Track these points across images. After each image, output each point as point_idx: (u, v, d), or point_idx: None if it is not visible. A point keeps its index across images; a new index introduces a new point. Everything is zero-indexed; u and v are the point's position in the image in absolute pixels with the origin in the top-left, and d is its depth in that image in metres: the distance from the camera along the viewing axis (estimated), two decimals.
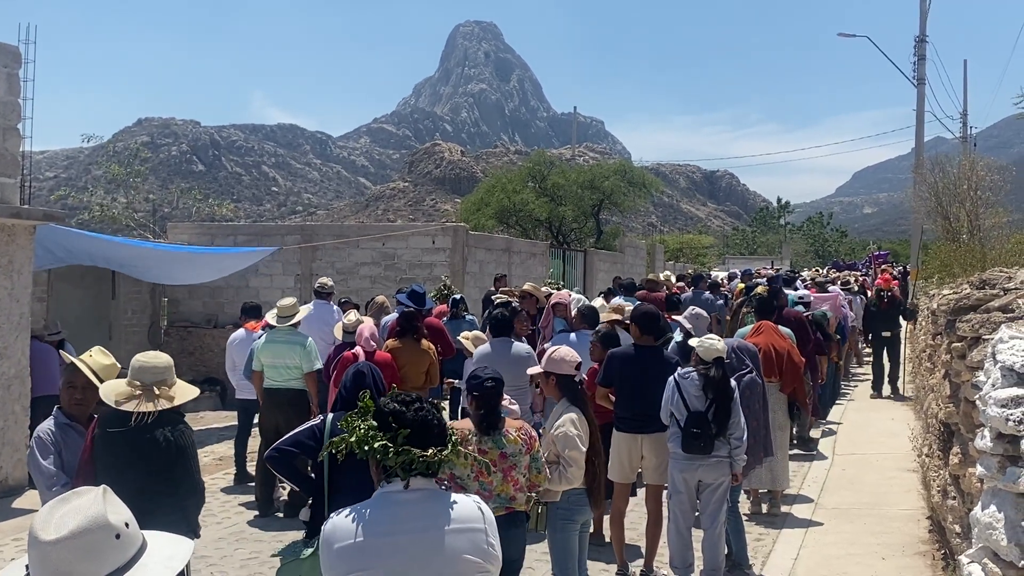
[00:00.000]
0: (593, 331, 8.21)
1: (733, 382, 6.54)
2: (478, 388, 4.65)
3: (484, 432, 4.62)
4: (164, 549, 2.10)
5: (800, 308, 11.89)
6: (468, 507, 2.91)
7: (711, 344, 6.50)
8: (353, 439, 3.00)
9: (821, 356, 11.75)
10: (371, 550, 2.76)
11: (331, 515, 2.94)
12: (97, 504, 1.99)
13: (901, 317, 15.53)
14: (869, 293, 17.48)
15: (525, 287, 11.43)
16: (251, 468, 9.57)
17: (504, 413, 4.70)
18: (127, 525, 2.02)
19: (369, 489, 4.43)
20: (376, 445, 2.92)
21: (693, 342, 6.75)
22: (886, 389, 15.11)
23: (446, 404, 10.84)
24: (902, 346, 15.86)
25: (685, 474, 6.38)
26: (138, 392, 4.38)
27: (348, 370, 4.83)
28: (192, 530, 4.51)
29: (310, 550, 4.36)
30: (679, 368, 6.63)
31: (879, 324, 15.50)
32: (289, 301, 9.13)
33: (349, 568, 2.77)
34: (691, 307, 9.58)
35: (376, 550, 2.76)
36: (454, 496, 2.96)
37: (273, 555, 4.64)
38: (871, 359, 16.29)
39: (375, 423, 3.00)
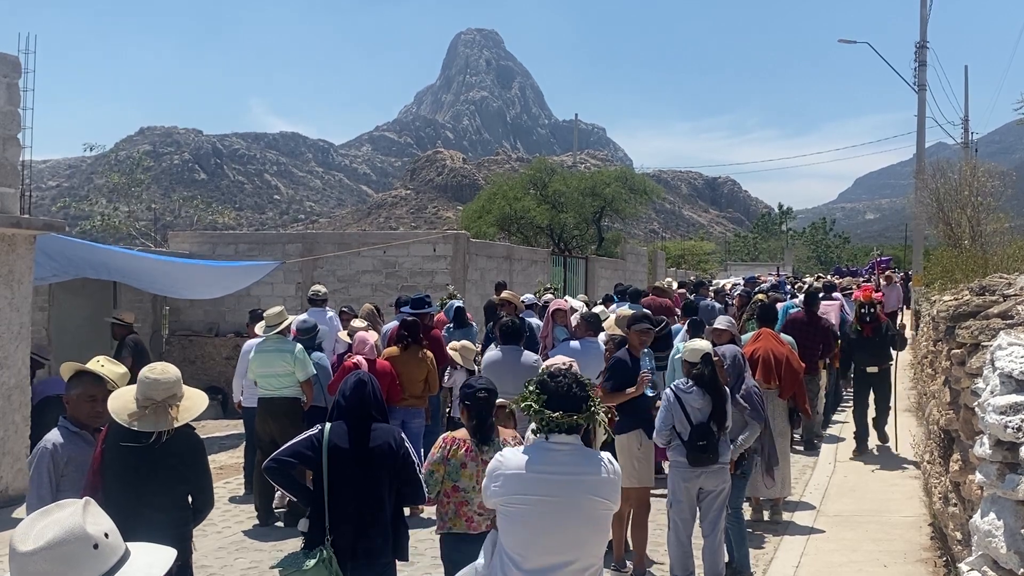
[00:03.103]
0: (609, 338, 8.21)
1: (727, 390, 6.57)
2: (470, 398, 4.65)
3: (482, 441, 4.62)
4: (144, 557, 2.12)
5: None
6: (603, 462, 3.70)
7: (695, 346, 6.59)
8: (519, 398, 3.81)
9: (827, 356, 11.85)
10: (529, 481, 3.60)
11: (504, 449, 3.88)
12: (76, 516, 2.02)
13: (891, 347, 11.44)
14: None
15: (503, 295, 11.48)
16: None
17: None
18: (107, 536, 2.04)
19: (366, 497, 4.45)
20: (523, 405, 3.74)
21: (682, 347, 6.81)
22: (873, 439, 11.47)
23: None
24: (893, 387, 11.49)
25: (687, 483, 6.37)
26: (151, 410, 4.33)
27: (347, 378, 4.80)
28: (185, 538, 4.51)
29: (313, 560, 4.34)
30: (676, 381, 6.67)
31: (862, 355, 11.27)
32: (276, 310, 9.11)
33: (511, 490, 3.60)
34: (721, 315, 9.62)
35: (532, 482, 3.59)
36: (596, 452, 3.78)
37: (272, 567, 4.62)
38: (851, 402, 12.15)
39: (533, 389, 3.76)
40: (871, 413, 11.39)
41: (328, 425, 4.62)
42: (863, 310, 11.28)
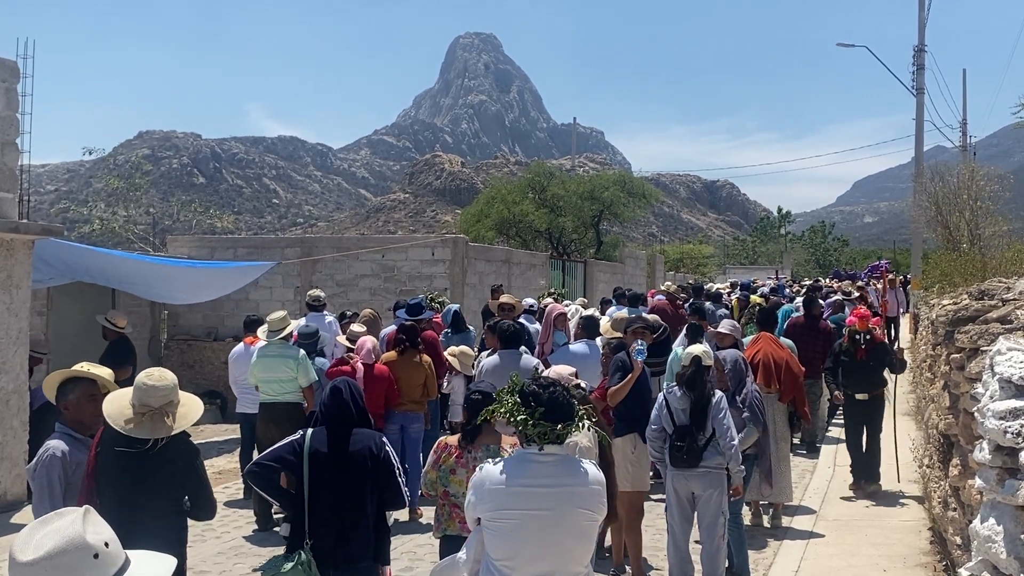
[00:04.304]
0: (606, 343, 8.22)
1: (720, 394, 6.57)
2: (467, 400, 4.68)
3: (468, 442, 4.64)
4: (144, 567, 2.12)
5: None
6: (587, 472, 3.69)
7: (690, 349, 6.68)
8: (503, 410, 3.75)
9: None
10: (513, 495, 3.58)
11: (483, 464, 3.79)
12: (75, 525, 2.02)
13: (887, 370, 9.94)
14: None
15: (503, 298, 11.45)
16: None
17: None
18: (107, 545, 2.04)
19: (346, 502, 4.46)
20: (519, 418, 3.66)
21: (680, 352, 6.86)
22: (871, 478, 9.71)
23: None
24: (887, 417, 10.00)
25: (676, 484, 6.39)
26: (147, 417, 4.31)
27: (328, 384, 4.84)
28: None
29: (290, 564, 4.40)
30: (665, 384, 6.73)
31: (852, 381, 9.81)
32: (279, 315, 9.09)
33: (496, 506, 3.59)
34: (724, 319, 9.62)
35: (517, 496, 3.58)
36: (582, 462, 3.76)
37: (255, 570, 4.65)
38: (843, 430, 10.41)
39: (519, 400, 3.70)
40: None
41: (310, 431, 4.66)
42: (857, 337, 9.79)
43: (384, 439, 4.74)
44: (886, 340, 11.37)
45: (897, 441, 9.86)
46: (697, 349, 6.64)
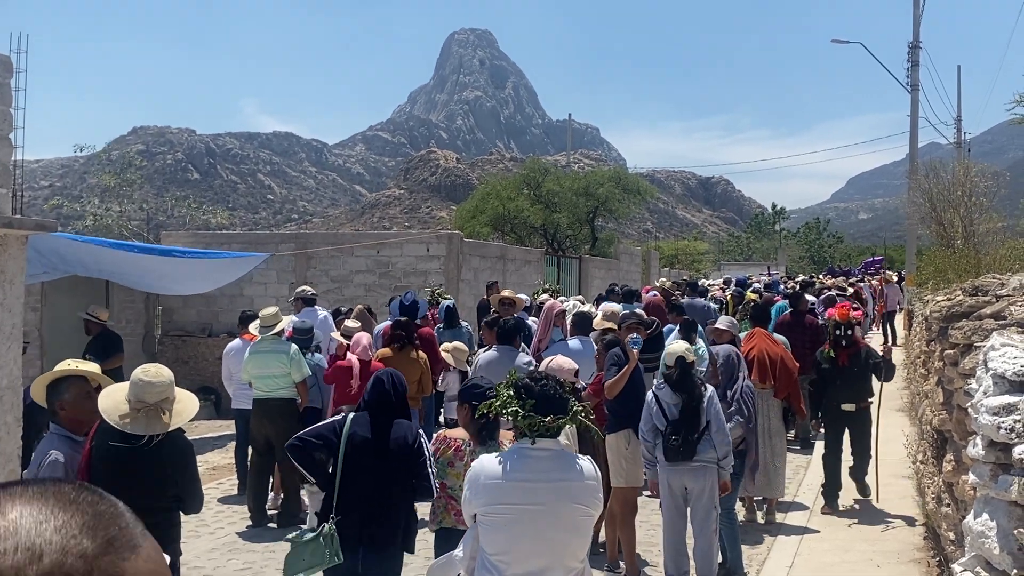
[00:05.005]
0: (600, 339, 8.22)
1: (711, 389, 6.57)
2: (478, 398, 4.62)
3: (480, 443, 4.62)
4: None
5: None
6: (583, 467, 3.69)
7: (672, 349, 6.64)
8: (498, 403, 3.77)
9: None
10: (508, 489, 3.58)
11: (480, 456, 3.83)
12: None
13: (876, 377, 9.02)
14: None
15: (504, 293, 11.43)
16: None
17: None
18: None
19: (380, 487, 4.51)
20: (509, 410, 3.68)
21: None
22: (851, 491, 9.06)
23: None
24: (873, 427, 9.02)
25: (670, 479, 6.39)
26: (143, 413, 4.29)
27: (372, 378, 5.03)
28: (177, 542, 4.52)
29: (312, 534, 4.55)
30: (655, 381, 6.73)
31: (837, 389, 8.90)
32: (271, 310, 9.06)
33: (491, 500, 3.59)
34: (723, 316, 9.62)
35: (512, 490, 3.57)
36: (578, 458, 3.75)
37: (286, 539, 4.79)
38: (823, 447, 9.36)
39: (512, 393, 3.72)
40: (846, 459, 9.08)
41: (352, 414, 4.82)
42: (839, 332, 8.95)
43: (420, 430, 4.88)
44: (884, 337, 10.97)
45: (878, 457, 9.11)
46: (679, 348, 6.57)
